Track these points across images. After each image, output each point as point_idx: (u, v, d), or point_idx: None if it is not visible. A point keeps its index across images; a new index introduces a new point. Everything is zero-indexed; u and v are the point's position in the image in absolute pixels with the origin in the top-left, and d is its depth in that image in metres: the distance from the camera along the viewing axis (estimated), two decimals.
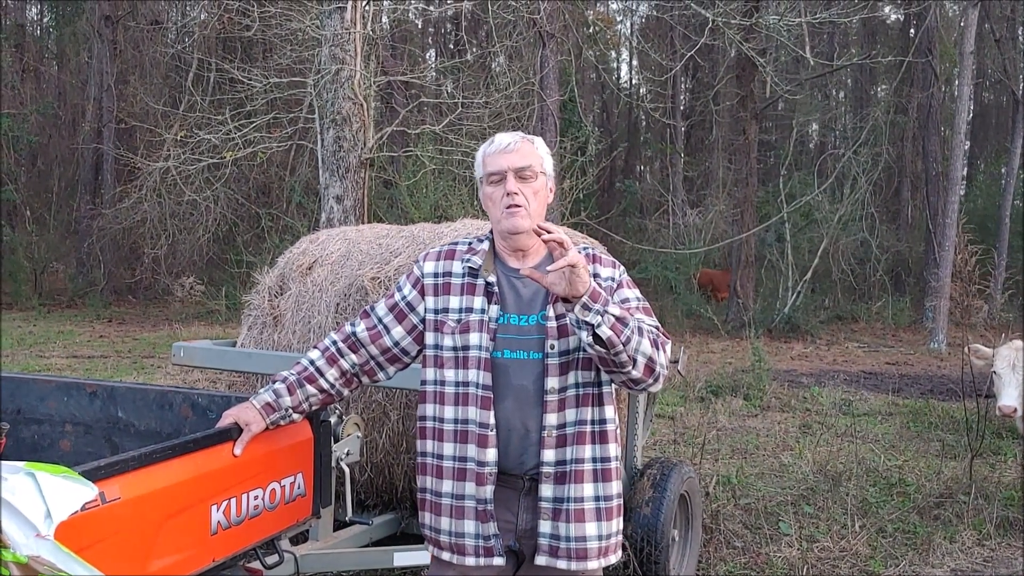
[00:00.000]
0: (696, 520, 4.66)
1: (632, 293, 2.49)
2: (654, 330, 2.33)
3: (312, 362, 2.52)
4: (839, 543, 5.24)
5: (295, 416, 2.49)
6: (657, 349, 2.30)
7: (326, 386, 2.50)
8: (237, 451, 2.32)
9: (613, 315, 2.20)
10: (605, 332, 2.19)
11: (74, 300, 20.37)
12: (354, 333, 2.54)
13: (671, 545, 4.23)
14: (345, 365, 2.52)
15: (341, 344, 2.54)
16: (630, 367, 2.25)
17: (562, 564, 2.40)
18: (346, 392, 2.56)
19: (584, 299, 2.17)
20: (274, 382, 2.50)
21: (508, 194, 2.42)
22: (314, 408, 2.54)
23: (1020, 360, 5.43)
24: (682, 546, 4.53)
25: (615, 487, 2.48)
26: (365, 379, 2.57)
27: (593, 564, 2.43)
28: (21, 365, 11.09)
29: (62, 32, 25.14)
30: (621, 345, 2.21)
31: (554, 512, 2.39)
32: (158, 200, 15.95)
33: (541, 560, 2.40)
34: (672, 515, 4.19)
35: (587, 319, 2.19)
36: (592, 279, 2.24)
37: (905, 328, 18.14)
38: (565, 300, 2.22)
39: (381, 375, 2.58)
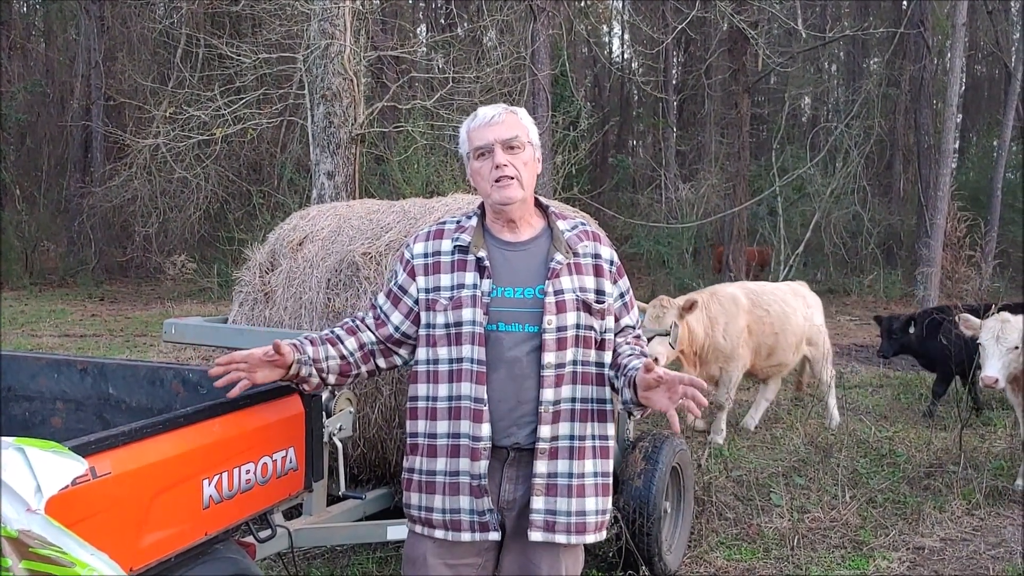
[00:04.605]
0: (688, 492, 4.68)
1: (626, 282, 2.61)
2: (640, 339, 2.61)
3: (332, 330, 2.54)
4: (830, 513, 5.28)
5: (313, 371, 2.44)
6: None
7: (345, 352, 2.49)
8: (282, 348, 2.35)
9: None
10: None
11: (65, 279, 20.33)
12: (364, 320, 2.57)
13: (663, 517, 4.26)
14: (364, 339, 2.53)
15: (359, 323, 2.56)
16: None
17: (561, 538, 2.41)
18: (363, 369, 2.54)
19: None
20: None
21: (498, 166, 2.41)
22: (332, 373, 2.49)
23: (1004, 332, 5.46)
24: (674, 518, 4.57)
25: (611, 465, 2.53)
26: (382, 361, 2.56)
27: (591, 538, 2.45)
28: (12, 344, 11.07)
29: (49, 9, 24.91)
30: None
31: (547, 487, 2.40)
32: (148, 178, 15.88)
33: (536, 536, 2.40)
34: (664, 487, 4.22)
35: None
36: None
37: (897, 301, 18.19)
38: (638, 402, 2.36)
39: (396, 358, 2.58)
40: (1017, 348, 5.46)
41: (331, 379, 2.50)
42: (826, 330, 7.96)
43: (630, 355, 2.46)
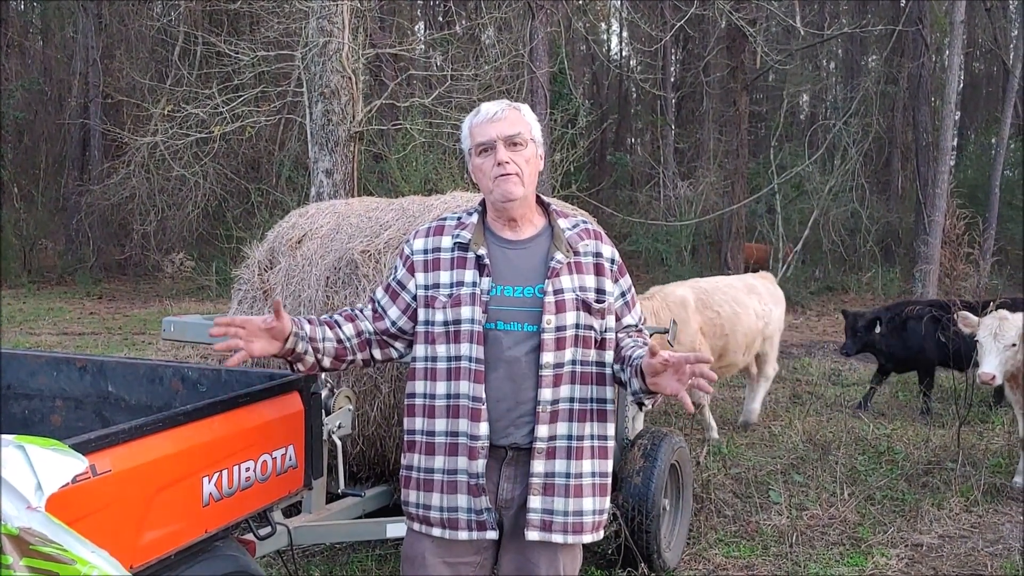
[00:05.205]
0: (687, 490, 4.69)
1: (627, 281, 2.58)
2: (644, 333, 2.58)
3: (331, 316, 2.52)
4: (828, 511, 5.29)
5: (309, 349, 2.40)
6: None
7: (343, 336, 2.47)
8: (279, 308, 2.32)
9: None
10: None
11: (63, 277, 20.29)
12: (362, 311, 2.56)
13: (662, 514, 4.27)
14: (362, 327, 2.51)
15: (358, 312, 2.55)
16: None
17: (558, 538, 2.40)
18: (359, 356, 2.51)
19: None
20: None
21: (499, 163, 2.39)
22: (327, 356, 2.46)
23: (1002, 329, 5.47)
24: (673, 515, 4.57)
25: (610, 465, 2.51)
26: (377, 352, 2.54)
27: (587, 538, 2.45)
28: (11, 342, 11.06)
29: (46, 6, 24.84)
30: None
31: (545, 487, 2.39)
32: (146, 176, 15.87)
33: (533, 535, 2.40)
34: (663, 485, 4.22)
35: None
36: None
37: (895, 298, 18.18)
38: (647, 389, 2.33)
39: (391, 351, 2.56)
40: (1015, 345, 5.46)
41: (326, 362, 2.47)
42: (783, 324, 7.69)
43: (633, 346, 2.46)
